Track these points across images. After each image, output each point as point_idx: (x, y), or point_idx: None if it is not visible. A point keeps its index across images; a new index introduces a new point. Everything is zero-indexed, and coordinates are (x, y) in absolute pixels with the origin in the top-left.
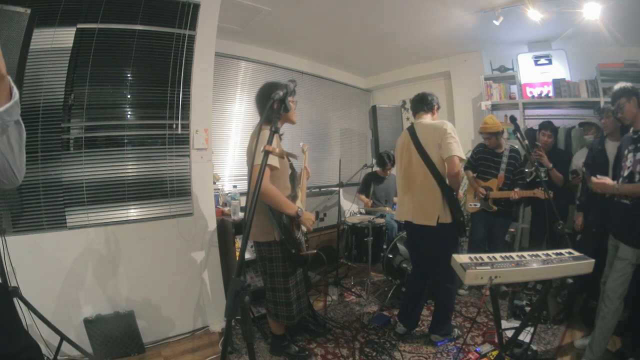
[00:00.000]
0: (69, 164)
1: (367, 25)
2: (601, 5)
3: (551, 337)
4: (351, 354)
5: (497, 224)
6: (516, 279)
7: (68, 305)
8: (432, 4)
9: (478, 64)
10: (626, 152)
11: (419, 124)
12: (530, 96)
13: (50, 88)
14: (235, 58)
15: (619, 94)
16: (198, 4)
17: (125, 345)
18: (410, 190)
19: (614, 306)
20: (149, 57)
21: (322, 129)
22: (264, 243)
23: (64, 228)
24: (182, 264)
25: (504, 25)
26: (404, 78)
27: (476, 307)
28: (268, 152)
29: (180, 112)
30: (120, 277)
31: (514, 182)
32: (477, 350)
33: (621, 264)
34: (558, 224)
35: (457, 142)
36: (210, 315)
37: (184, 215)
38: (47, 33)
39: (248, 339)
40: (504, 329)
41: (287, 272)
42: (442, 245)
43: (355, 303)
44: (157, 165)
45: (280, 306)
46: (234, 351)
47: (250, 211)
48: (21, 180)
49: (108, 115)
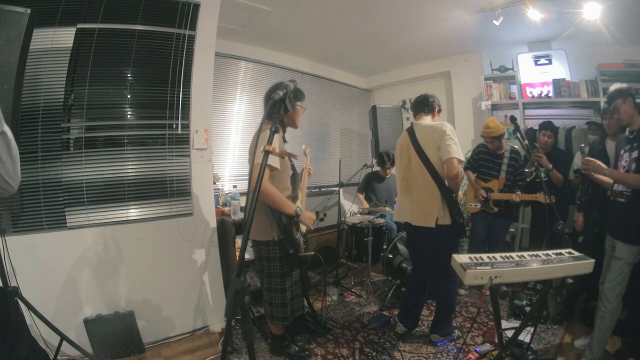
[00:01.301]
0: (69, 164)
1: (367, 25)
2: (601, 5)
3: (551, 337)
4: (351, 354)
5: (497, 224)
6: (516, 279)
7: (68, 305)
8: (432, 4)
9: (478, 64)
10: (622, 152)
11: (418, 125)
12: (530, 96)
13: (50, 88)
14: (235, 58)
15: (614, 95)
16: (198, 4)
17: (125, 345)
18: (410, 191)
19: (612, 306)
20: (149, 57)
21: (322, 129)
22: (262, 242)
23: (64, 228)
24: (182, 264)
25: (504, 25)
26: (404, 78)
27: (476, 307)
28: (268, 152)
29: (180, 112)
30: (120, 277)
31: (514, 183)
32: (477, 350)
33: (618, 263)
34: (558, 224)
35: (456, 144)
36: (210, 315)
37: (184, 215)
38: (47, 33)
39: (248, 339)
40: (504, 329)
41: (285, 272)
42: (441, 247)
43: (355, 303)
44: (157, 165)
45: (276, 307)
46: (234, 351)
47: (250, 211)
48: (17, 187)
49: (108, 115)
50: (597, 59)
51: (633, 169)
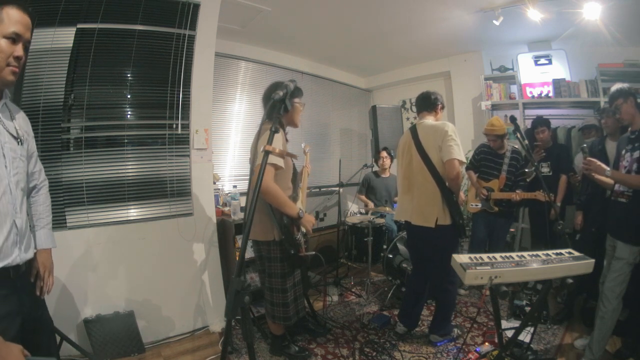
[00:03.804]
0: (69, 164)
1: (367, 25)
2: (601, 5)
3: (551, 337)
4: (351, 354)
5: (498, 224)
6: (516, 279)
7: (68, 305)
8: (432, 4)
9: (478, 64)
10: (624, 152)
11: (420, 125)
12: (530, 96)
13: (50, 88)
14: (235, 58)
15: (615, 95)
16: (198, 4)
17: (125, 345)
18: (410, 191)
19: (612, 306)
20: (149, 57)
21: (322, 129)
22: (263, 242)
23: (64, 228)
24: (182, 264)
25: (504, 25)
26: (404, 78)
27: (476, 307)
28: (268, 152)
29: (180, 112)
30: (120, 277)
31: (515, 183)
32: (477, 350)
33: (619, 263)
34: (558, 224)
35: (457, 145)
36: (210, 315)
37: (184, 215)
38: (47, 33)
39: (248, 339)
40: (504, 329)
41: (285, 272)
42: (441, 247)
43: (355, 303)
44: (157, 165)
45: (277, 307)
46: (234, 351)
47: (251, 211)
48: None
49: (108, 115)
50: (597, 59)
51: (634, 169)
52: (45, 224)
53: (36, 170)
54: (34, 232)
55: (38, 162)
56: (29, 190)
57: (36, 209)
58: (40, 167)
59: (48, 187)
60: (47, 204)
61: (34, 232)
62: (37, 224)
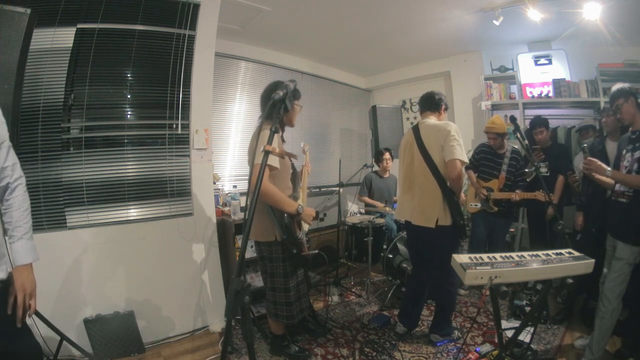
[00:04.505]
0: (69, 164)
1: (367, 25)
2: (601, 5)
3: (551, 337)
4: (351, 354)
5: (498, 224)
6: (516, 279)
7: (68, 305)
8: (432, 4)
9: (478, 64)
10: (624, 152)
11: (423, 124)
12: (530, 96)
13: (50, 88)
14: (235, 58)
15: (616, 95)
16: (198, 4)
17: (125, 345)
18: (411, 190)
19: (612, 306)
20: (149, 57)
21: (322, 129)
22: (264, 243)
23: (64, 228)
24: (182, 264)
25: (504, 25)
26: (404, 78)
27: (476, 307)
28: (268, 152)
29: (180, 112)
30: (120, 277)
31: (515, 183)
32: (477, 350)
33: (619, 263)
34: (558, 224)
35: (460, 145)
36: (210, 315)
37: (184, 215)
38: (47, 33)
39: (248, 339)
40: (504, 329)
41: (288, 272)
42: (441, 247)
43: (355, 303)
44: (157, 165)
45: (280, 306)
46: (234, 351)
47: (251, 211)
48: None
49: (108, 115)
50: (597, 59)
51: (635, 169)
52: (23, 233)
53: (7, 165)
54: (10, 245)
55: (10, 155)
56: (0, 192)
57: (11, 215)
58: (14, 161)
59: (25, 186)
60: (25, 207)
61: (10, 245)
62: (13, 234)
